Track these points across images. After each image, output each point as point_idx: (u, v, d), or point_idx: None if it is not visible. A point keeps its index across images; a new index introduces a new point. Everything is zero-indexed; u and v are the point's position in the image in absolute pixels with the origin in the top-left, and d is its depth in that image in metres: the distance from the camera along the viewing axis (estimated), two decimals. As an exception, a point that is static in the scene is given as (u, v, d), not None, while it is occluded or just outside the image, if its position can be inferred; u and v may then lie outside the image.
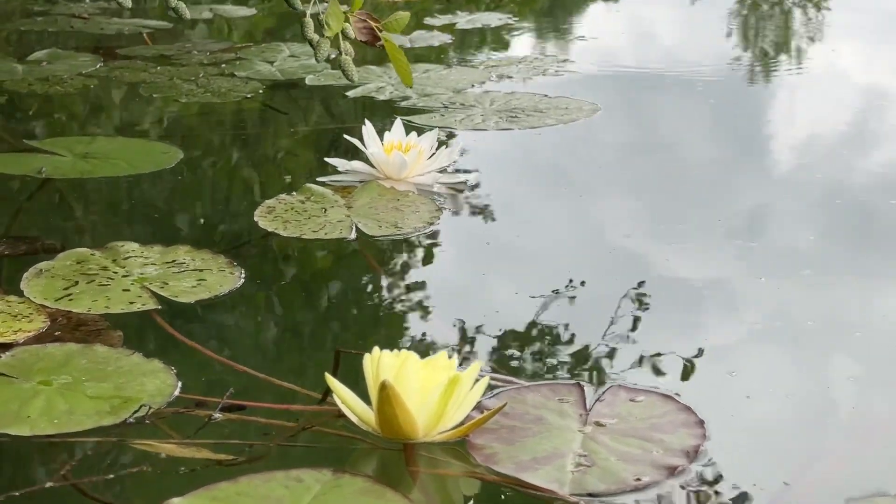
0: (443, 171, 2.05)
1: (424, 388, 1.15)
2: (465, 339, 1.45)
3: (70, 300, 1.51)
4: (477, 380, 1.19)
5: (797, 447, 1.22)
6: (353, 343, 1.46)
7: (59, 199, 2.01)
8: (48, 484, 1.13)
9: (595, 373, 1.35)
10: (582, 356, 1.40)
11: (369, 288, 1.66)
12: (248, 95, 2.64)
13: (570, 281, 1.61)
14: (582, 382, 1.29)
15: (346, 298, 1.63)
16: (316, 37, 1.74)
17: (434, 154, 2.02)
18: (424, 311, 1.55)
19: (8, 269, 1.66)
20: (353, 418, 1.20)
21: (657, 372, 1.34)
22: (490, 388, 1.27)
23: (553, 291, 1.58)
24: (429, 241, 1.77)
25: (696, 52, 3.37)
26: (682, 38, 3.65)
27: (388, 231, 1.78)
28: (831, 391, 1.32)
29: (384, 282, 1.65)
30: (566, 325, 1.48)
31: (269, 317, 1.56)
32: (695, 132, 2.44)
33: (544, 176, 2.14)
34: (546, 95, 2.56)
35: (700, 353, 1.39)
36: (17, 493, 1.11)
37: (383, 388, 1.13)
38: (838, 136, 2.39)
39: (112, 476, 1.14)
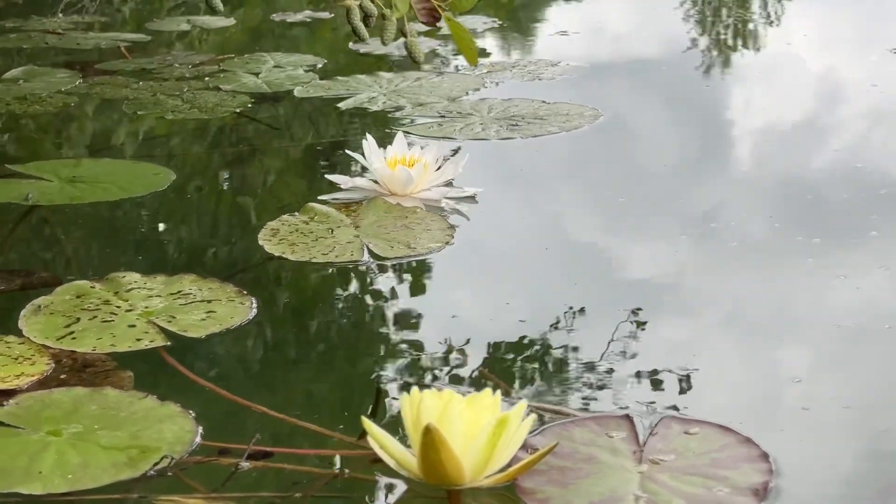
0: (448, 184, 1.97)
1: (470, 430, 1.07)
2: (498, 366, 1.37)
3: (73, 339, 1.42)
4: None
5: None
6: (379, 372, 1.37)
7: (49, 227, 1.92)
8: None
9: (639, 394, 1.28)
10: (625, 380, 1.32)
11: (391, 314, 1.56)
12: (237, 110, 2.55)
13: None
14: (630, 414, 1.21)
15: (365, 326, 1.54)
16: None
17: (439, 167, 1.95)
18: (455, 338, 1.46)
19: (3, 306, 1.56)
20: (392, 463, 1.11)
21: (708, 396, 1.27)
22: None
23: (579, 310, 1.51)
24: (445, 262, 1.68)
25: (684, 40, 3.36)
26: (668, 28, 3.61)
27: (401, 252, 1.70)
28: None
29: (406, 308, 1.56)
30: (599, 347, 1.41)
31: (285, 349, 1.47)
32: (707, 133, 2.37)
33: (561, 192, 2.06)
34: (544, 101, 2.48)
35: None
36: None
37: (427, 432, 1.05)
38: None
39: (136, 537, 1.05)
